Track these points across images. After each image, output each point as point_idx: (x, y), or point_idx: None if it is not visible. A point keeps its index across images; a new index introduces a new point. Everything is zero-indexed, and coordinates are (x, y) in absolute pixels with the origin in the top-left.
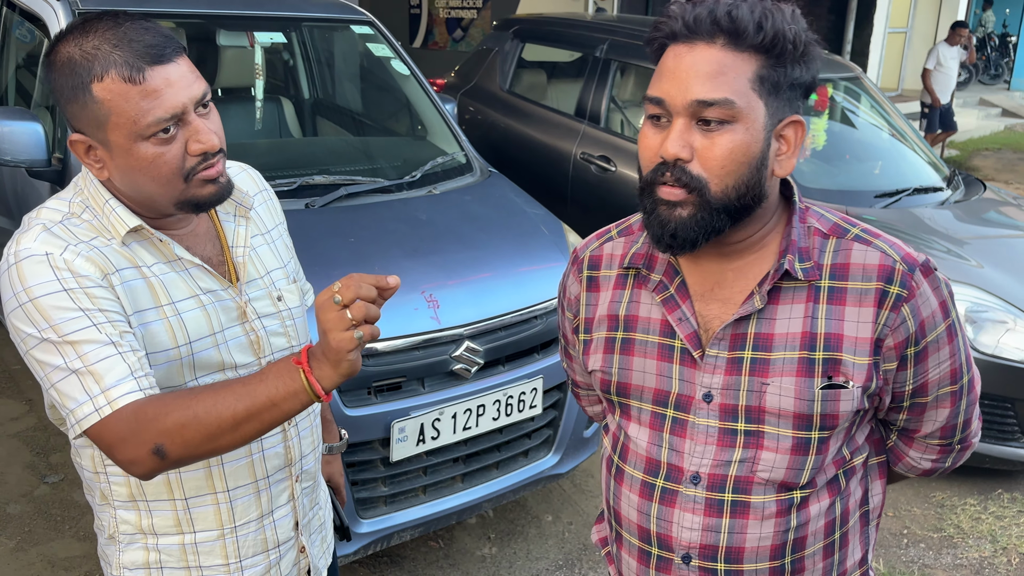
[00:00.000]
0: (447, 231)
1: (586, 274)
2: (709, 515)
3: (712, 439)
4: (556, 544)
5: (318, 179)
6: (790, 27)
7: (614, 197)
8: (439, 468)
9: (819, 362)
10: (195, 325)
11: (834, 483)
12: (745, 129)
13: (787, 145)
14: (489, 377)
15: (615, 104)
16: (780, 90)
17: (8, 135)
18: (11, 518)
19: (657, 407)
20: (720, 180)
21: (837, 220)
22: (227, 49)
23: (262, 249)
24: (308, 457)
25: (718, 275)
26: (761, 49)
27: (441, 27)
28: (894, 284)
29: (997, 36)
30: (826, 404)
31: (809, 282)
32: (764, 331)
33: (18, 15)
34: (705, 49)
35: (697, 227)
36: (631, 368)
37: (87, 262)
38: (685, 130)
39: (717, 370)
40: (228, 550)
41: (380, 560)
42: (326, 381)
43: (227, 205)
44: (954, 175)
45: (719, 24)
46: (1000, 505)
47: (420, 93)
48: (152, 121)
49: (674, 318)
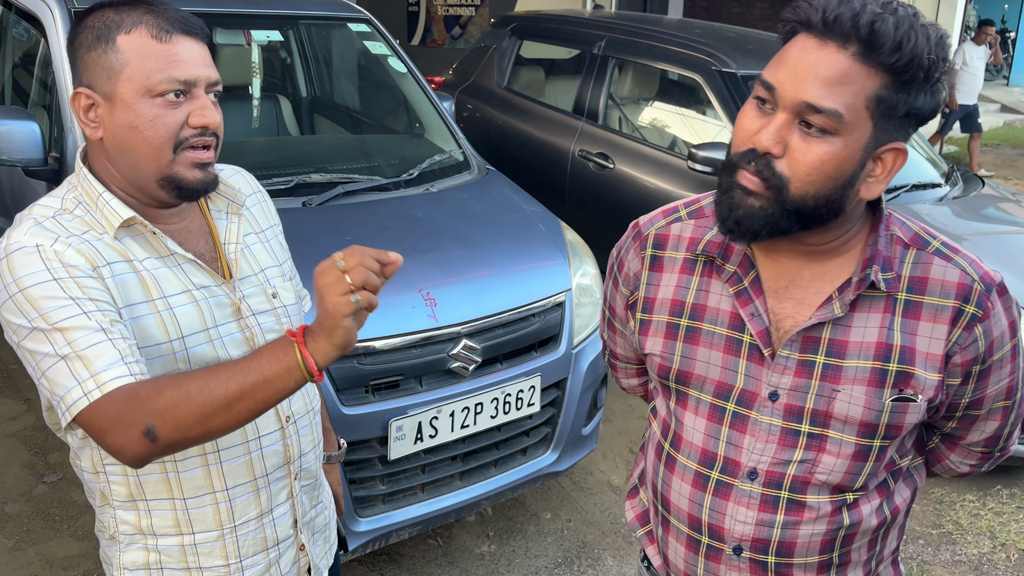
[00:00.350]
0: (445, 229)
1: (650, 252)
2: (764, 510)
3: (774, 437)
4: (555, 541)
5: (315, 177)
6: (930, 54)
7: (612, 194)
8: (437, 466)
9: (892, 374)
10: (187, 320)
11: (883, 485)
12: (844, 145)
13: (882, 169)
14: (487, 375)
15: (613, 101)
16: (895, 115)
17: (4, 134)
18: (9, 517)
19: (718, 399)
20: (802, 185)
21: (918, 230)
22: (224, 47)
23: (256, 247)
24: (308, 455)
25: (794, 273)
26: (891, 70)
27: (439, 25)
28: (970, 304)
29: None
30: (893, 415)
31: (888, 293)
32: (839, 338)
33: (14, 14)
34: (834, 52)
35: (763, 221)
36: (695, 357)
37: (77, 254)
38: (785, 126)
39: (787, 371)
40: (228, 550)
41: (379, 558)
42: (320, 355)
43: (219, 202)
44: (952, 171)
45: (858, 31)
46: (999, 501)
47: (418, 91)
48: (165, 78)
49: (746, 312)
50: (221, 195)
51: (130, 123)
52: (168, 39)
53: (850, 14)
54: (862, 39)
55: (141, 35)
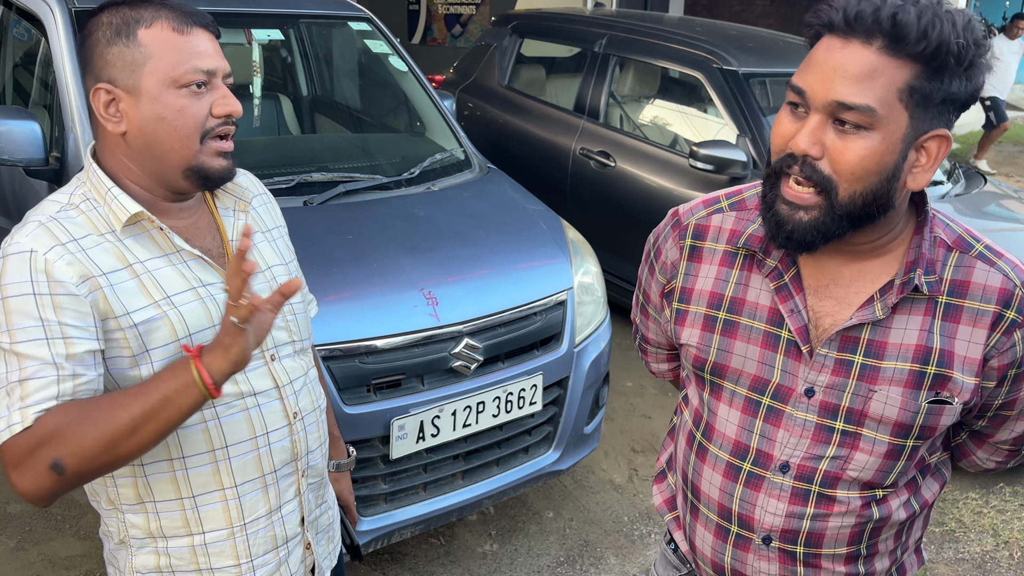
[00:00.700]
0: (446, 228)
1: (689, 242)
2: (794, 503)
3: (808, 433)
4: (557, 540)
5: (316, 176)
6: (958, 39)
7: (614, 192)
8: (439, 465)
9: (929, 376)
10: (194, 318)
11: (912, 481)
12: (881, 139)
13: (927, 158)
14: (489, 374)
15: (614, 99)
16: (931, 103)
17: (5, 134)
18: (11, 517)
19: (753, 393)
20: (849, 185)
21: (961, 232)
22: (225, 46)
23: (262, 245)
24: (315, 452)
25: (835, 272)
26: (920, 59)
27: (440, 23)
28: (1011, 309)
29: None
30: (929, 416)
31: (929, 296)
32: (878, 339)
33: (15, 14)
34: (859, 49)
35: (816, 232)
36: (731, 351)
37: (68, 267)
38: (819, 127)
39: (825, 369)
40: (239, 549)
41: (381, 557)
42: (215, 370)
43: (226, 200)
44: (954, 169)
45: (881, 25)
46: (1002, 499)
47: (418, 89)
48: (190, 69)
49: (786, 308)
50: (229, 193)
51: (157, 114)
52: (188, 31)
53: (871, 9)
54: (886, 32)
55: (163, 28)
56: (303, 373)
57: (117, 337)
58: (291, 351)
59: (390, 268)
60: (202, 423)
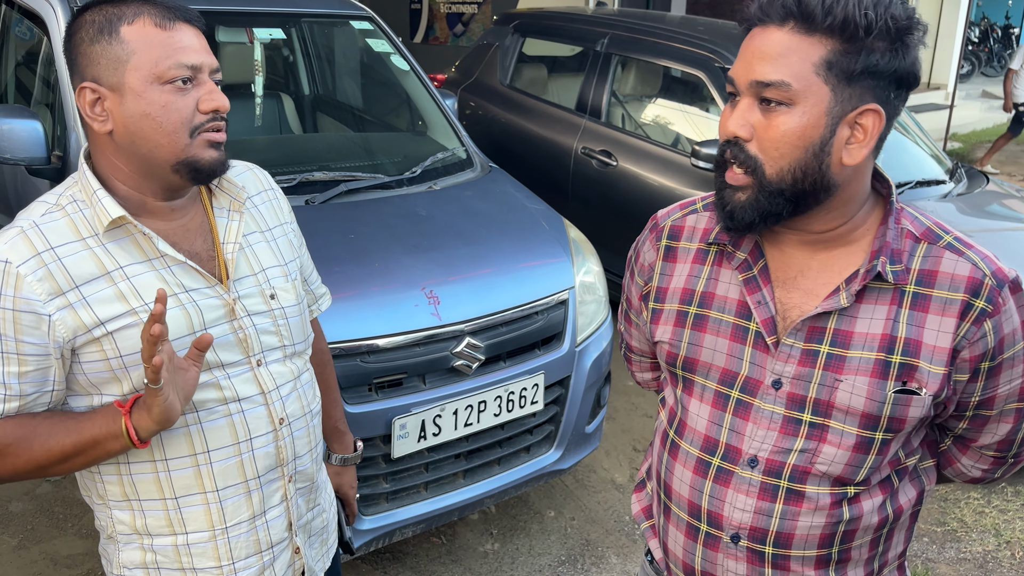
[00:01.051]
0: (447, 227)
1: (664, 243)
2: (763, 499)
3: (776, 425)
4: (559, 540)
5: (318, 175)
6: (867, 12)
7: (615, 192)
8: (441, 464)
9: (895, 365)
10: (173, 325)
11: (887, 482)
12: (802, 112)
13: (862, 134)
14: (490, 373)
15: (616, 98)
16: (854, 77)
17: (7, 133)
18: (13, 516)
19: (723, 387)
20: (774, 162)
21: (930, 224)
22: (226, 45)
23: (259, 246)
24: (303, 458)
25: (802, 264)
26: (832, 33)
27: (442, 22)
28: (980, 298)
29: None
30: (896, 408)
31: (896, 285)
32: (844, 328)
33: (17, 12)
34: (774, 31)
35: (752, 209)
36: (701, 344)
37: (39, 283)
38: (747, 109)
39: (791, 359)
40: (220, 551)
41: (383, 556)
42: (142, 429)
43: (222, 200)
44: (956, 168)
45: (788, 7)
46: (1004, 499)
47: (420, 88)
48: (173, 64)
49: (753, 300)
50: (224, 192)
51: (142, 111)
52: (171, 27)
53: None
54: (794, 14)
55: (145, 24)
56: (293, 377)
57: (92, 348)
58: (280, 356)
59: (392, 267)
60: (184, 427)
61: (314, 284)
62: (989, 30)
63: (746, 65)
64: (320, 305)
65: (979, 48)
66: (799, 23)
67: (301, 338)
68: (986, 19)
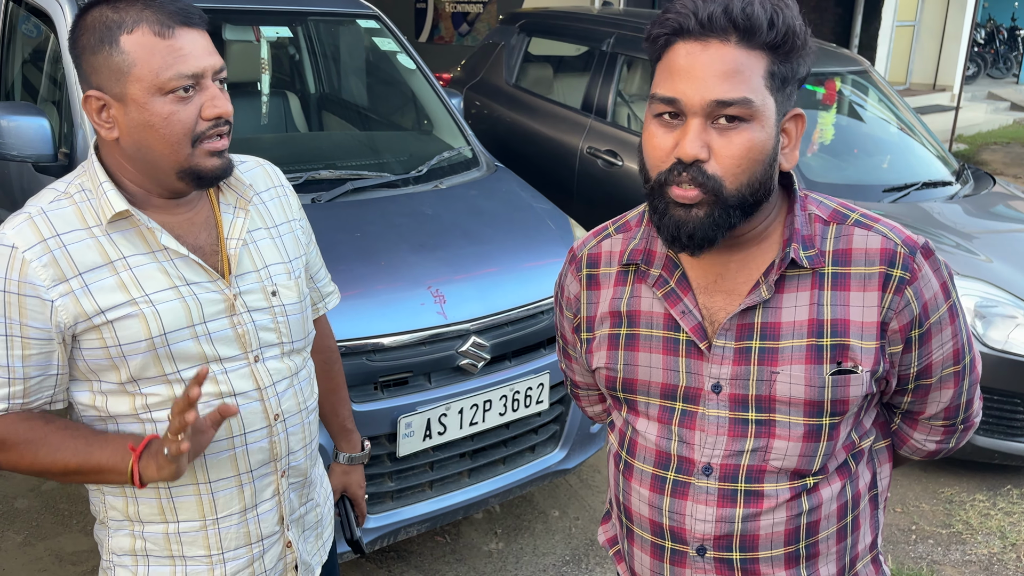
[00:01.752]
0: (453, 226)
1: (585, 272)
2: (722, 506)
3: (723, 430)
4: (563, 539)
5: (324, 174)
6: (798, 22)
7: (620, 191)
8: (446, 463)
9: (827, 348)
10: (172, 316)
11: (844, 467)
12: (761, 127)
13: (788, 139)
14: (495, 372)
15: (622, 98)
16: (787, 85)
17: (15, 130)
18: (19, 513)
19: (665, 401)
20: (735, 178)
21: (836, 206)
22: (233, 44)
23: (264, 243)
24: (297, 453)
25: (720, 267)
26: (771, 46)
27: (447, 21)
28: (896, 267)
29: (1006, 30)
30: (836, 390)
31: (813, 269)
32: (771, 320)
33: (24, 10)
34: (720, 47)
35: (714, 226)
36: (636, 364)
37: (44, 268)
38: (702, 130)
39: (725, 361)
40: (210, 541)
41: (387, 555)
42: (147, 475)
43: (229, 196)
44: (963, 169)
45: (734, 22)
46: (1009, 501)
47: (426, 87)
48: (174, 75)
49: (676, 311)
50: (232, 188)
51: (145, 122)
52: (171, 34)
53: (721, 9)
54: (739, 27)
55: (144, 33)
56: (291, 374)
57: (91, 335)
58: (278, 352)
59: (397, 266)
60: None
61: (321, 282)
62: (995, 32)
63: (698, 84)
64: (327, 303)
65: (985, 50)
66: (742, 37)
67: (301, 336)
68: (992, 21)
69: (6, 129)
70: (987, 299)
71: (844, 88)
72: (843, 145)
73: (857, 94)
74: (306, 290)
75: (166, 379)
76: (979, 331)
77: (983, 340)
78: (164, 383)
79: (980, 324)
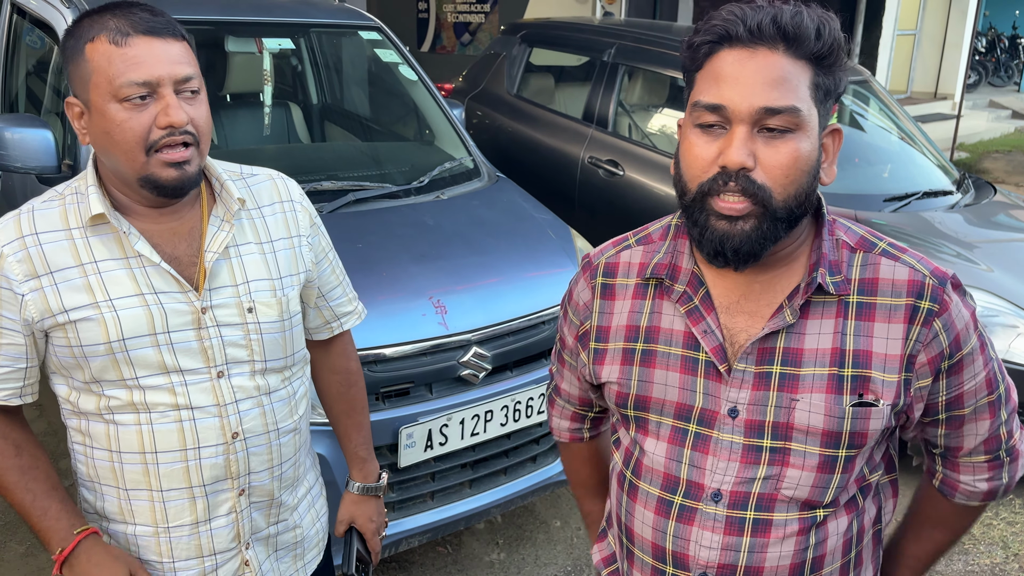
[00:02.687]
0: (455, 236)
1: (600, 281)
2: (729, 533)
3: (736, 455)
4: (565, 550)
5: (326, 184)
6: (842, 36)
7: (622, 201)
8: (447, 474)
9: (848, 379)
10: (132, 323)
11: (852, 502)
12: (806, 137)
13: (827, 154)
14: (497, 383)
15: (623, 108)
16: (828, 98)
17: (19, 142)
18: (21, 523)
19: (679, 421)
20: (783, 189)
21: (864, 233)
22: (236, 55)
23: (250, 258)
24: (261, 474)
25: (744, 287)
26: (815, 58)
27: (449, 31)
28: (925, 299)
29: (1007, 38)
30: (856, 422)
31: (839, 297)
32: (794, 346)
33: (28, 22)
34: (769, 55)
35: (761, 239)
36: (652, 380)
37: (18, 264)
38: (748, 138)
39: (744, 385)
40: (162, 548)
41: (389, 566)
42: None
43: (219, 208)
44: (964, 178)
45: (784, 31)
46: (1012, 511)
47: (428, 98)
48: (125, 82)
49: (699, 330)
50: (222, 201)
51: (104, 128)
52: (125, 42)
53: (770, 18)
54: (788, 37)
55: (101, 41)
56: (259, 394)
57: (58, 333)
58: (247, 370)
59: (399, 276)
60: (136, 425)
61: (336, 301)
62: (996, 40)
63: (746, 91)
64: (343, 323)
65: (986, 58)
66: (790, 47)
67: (279, 355)
68: (993, 29)
69: (10, 141)
70: (988, 309)
71: (845, 98)
72: (844, 155)
73: (858, 104)
74: (296, 309)
75: (125, 384)
76: None
77: None
78: (124, 387)
79: None
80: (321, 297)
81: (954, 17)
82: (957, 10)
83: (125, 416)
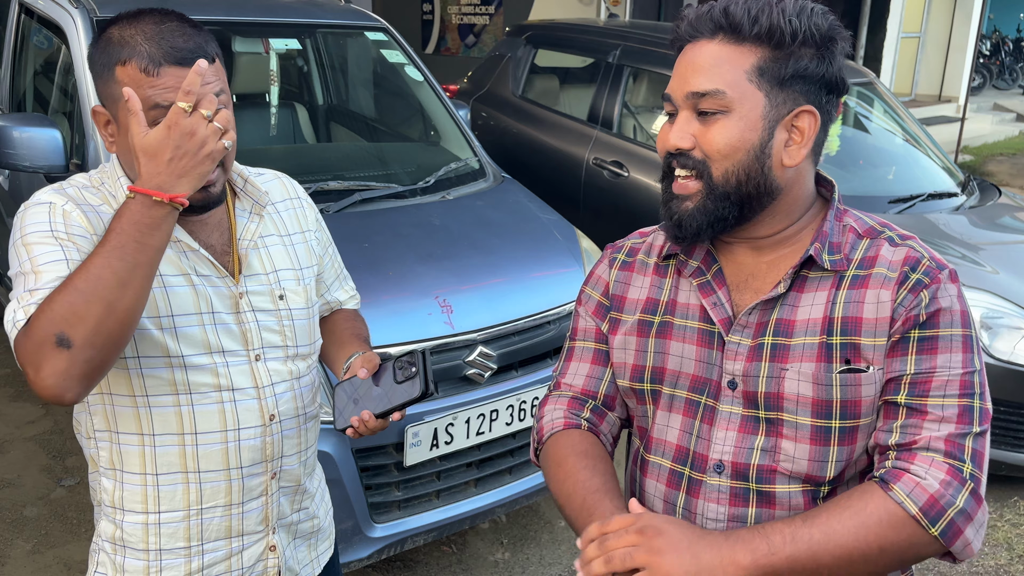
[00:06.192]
0: (460, 236)
1: (621, 257)
2: (734, 505)
3: (734, 426)
4: (569, 549)
5: (333, 185)
6: (791, 20)
7: (627, 202)
8: (452, 473)
9: (836, 347)
10: (180, 301)
11: (860, 479)
12: (739, 117)
13: (799, 135)
14: (502, 382)
15: (628, 109)
16: (785, 81)
17: (27, 141)
18: (28, 521)
19: (693, 394)
20: (720, 164)
21: (874, 224)
22: (242, 56)
23: (276, 248)
24: (291, 458)
25: (752, 267)
26: (760, 42)
27: (454, 33)
28: (918, 272)
29: (1011, 41)
30: (845, 389)
31: (836, 272)
32: (786, 317)
33: (36, 22)
34: (705, 44)
35: (700, 215)
36: (667, 352)
37: (83, 217)
38: (686, 121)
39: (739, 356)
40: (192, 531)
41: (393, 564)
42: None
43: (245, 202)
44: (968, 180)
45: (717, 21)
46: (1016, 513)
47: (433, 99)
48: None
49: (708, 302)
50: (248, 196)
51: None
52: (156, 72)
53: (707, 11)
54: (723, 26)
55: (132, 67)
56: (291, 378)
57: None
58: (281, 355)
59: (405, 276)
60: (175, 407)
61: (334, 289)
62: (1000, 43)
63: (680, 80)
64: (344, 304)
65: (990, 61)
66: (727, 34)
67: (307, 341)
68: (997, 32)
69: (18, 140)
70: (993, 310)
71: (850, 100)
72: (849, 156)
73: (863, 106)
74: (315, 298)
75: (170, 363)
76: (985, 342)
77: (989, 351)
78: (167, 367)
79: (986, 335)
80: (323, 284)
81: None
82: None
83: (163, 399)
